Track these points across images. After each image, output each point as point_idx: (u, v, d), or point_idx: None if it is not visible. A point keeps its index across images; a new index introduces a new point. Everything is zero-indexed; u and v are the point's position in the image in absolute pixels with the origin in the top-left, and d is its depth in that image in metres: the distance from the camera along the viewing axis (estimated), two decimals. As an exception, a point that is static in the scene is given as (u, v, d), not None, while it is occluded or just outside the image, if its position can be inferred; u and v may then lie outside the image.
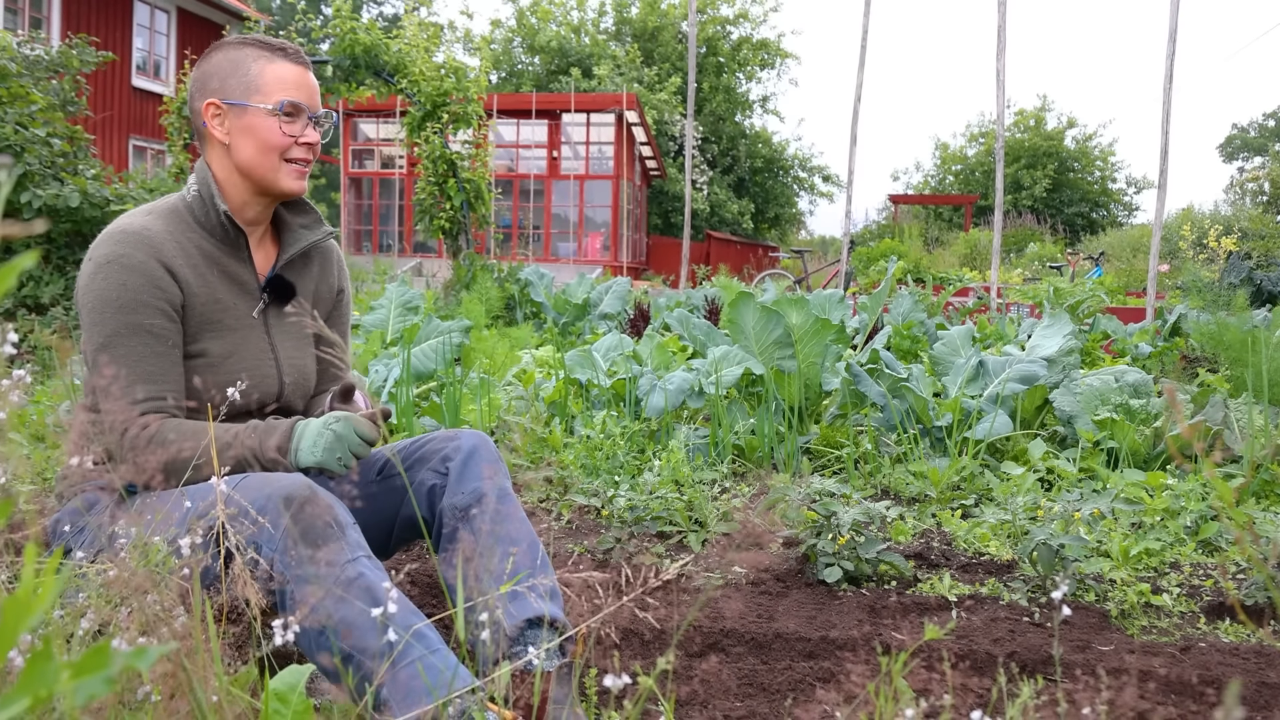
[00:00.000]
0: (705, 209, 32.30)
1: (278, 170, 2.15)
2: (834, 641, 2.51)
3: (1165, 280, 15.66)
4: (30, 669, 0.70)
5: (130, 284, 2.00)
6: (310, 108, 2.17)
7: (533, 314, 10.67)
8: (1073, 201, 37.47)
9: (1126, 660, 2.40)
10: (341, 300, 2.45)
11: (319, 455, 1.94)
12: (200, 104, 2.16)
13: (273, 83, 2.13)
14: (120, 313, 1.99)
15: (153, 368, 2.00)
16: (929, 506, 3.89)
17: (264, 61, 2.14)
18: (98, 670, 0.72)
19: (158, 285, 2.02)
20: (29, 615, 0.69)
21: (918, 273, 15.94)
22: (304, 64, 2.19)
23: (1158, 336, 8.31)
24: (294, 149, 2.15)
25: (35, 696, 0.70)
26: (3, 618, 0.69)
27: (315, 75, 2.89)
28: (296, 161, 2.17)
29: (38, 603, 0.69)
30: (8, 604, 0.69)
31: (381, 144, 26.61)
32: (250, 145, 2.13)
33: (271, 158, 2.14)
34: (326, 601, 1.69)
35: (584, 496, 3.80)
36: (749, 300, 4.71)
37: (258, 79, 2.13)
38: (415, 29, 12.02)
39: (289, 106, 2.13)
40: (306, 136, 2.16)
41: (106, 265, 2.01)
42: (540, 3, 34.83)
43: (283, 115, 2.13)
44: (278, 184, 2.16)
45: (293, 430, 1.98)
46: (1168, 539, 3.37)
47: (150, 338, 2.00)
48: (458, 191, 11.88)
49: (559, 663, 1.91)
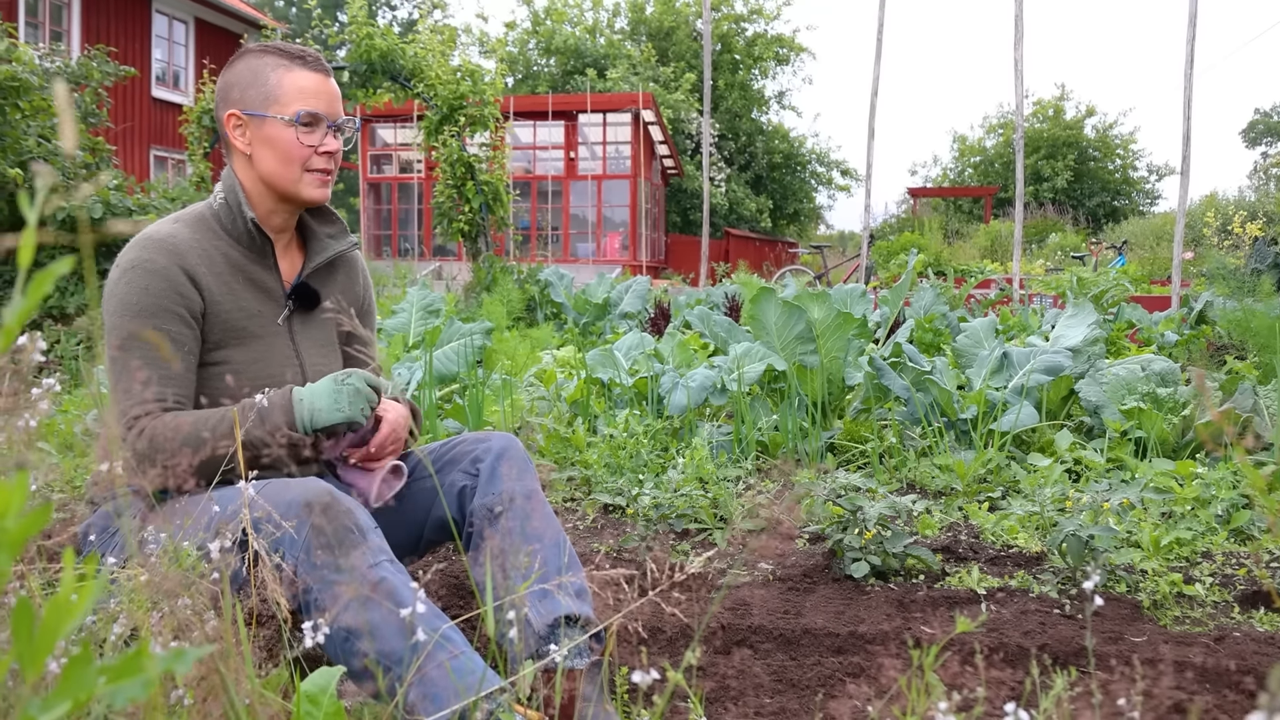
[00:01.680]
0: (723, 206, 32.25)
1: (299, 180, 2.15)
2: (863, 636, 2.50)
3: (1190, 268, 15.54)
4: (69, 673, 0.70)
5: (152, 289, 2.01)
6: (329, 116, 2.16)
7: (553, 314, 10.68)
8: (1094, 191, 37.23)
9: (1160, 651, 2.38)
10: (366, 311, 2.46)
11: (346, 411, 1.98)
12: (223, 114, 2.18)
13: (291, 92, 2.13)
14: (139, 317, 2.00)
15: (164, 372, 2.01)
16: (955, 500, 3.86)
17: (282, 70, 2.14)
18: (136, 674, 0.72)
19: (178, 291, 2.03)
20: (69, 620, 0.69)
21: (938, 266, 15.90)
22: (323, 70, 2.19)
23: (1184, 324, 8.25)
24: (314, 159, 2.15)
25: (75, 700, 0.70)
26: (43, 623, 0.69)
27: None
28: (318, 171, 2.16)
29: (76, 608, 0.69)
30: (49, 609, 0.69)
31: (399, 149, 26.66)
32: (271, 156, 2.14)
33: (292, 168, 2.14)
34: (351, 606, 1.70)
35: (608, 495, 3.80)
36: (770, 296, 4.69)
37: (276, 89, 2.14)
38: (430, 33, 12.05)
39: (306, 116, 2.13)
40: (326, 145, 2.16)
41: (130, 270, 2.03)
42: (555, 4, 34.85)
43: (301, 126, 2.13)
44: (300, 194, 2.16)
45: (292, 404, 1.99)
46: (1199, 528, 3.34)
47: (168, 343, 2.02)
48: (476, 194, 11.91)
49: (589, 660, 1.91)
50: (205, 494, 1.89)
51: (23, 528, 0.65)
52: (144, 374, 1.99)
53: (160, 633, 1.39)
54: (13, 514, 0.65)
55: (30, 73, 8.27)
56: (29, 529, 0.66)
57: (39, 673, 0.69)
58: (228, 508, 1.82)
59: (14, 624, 0.67)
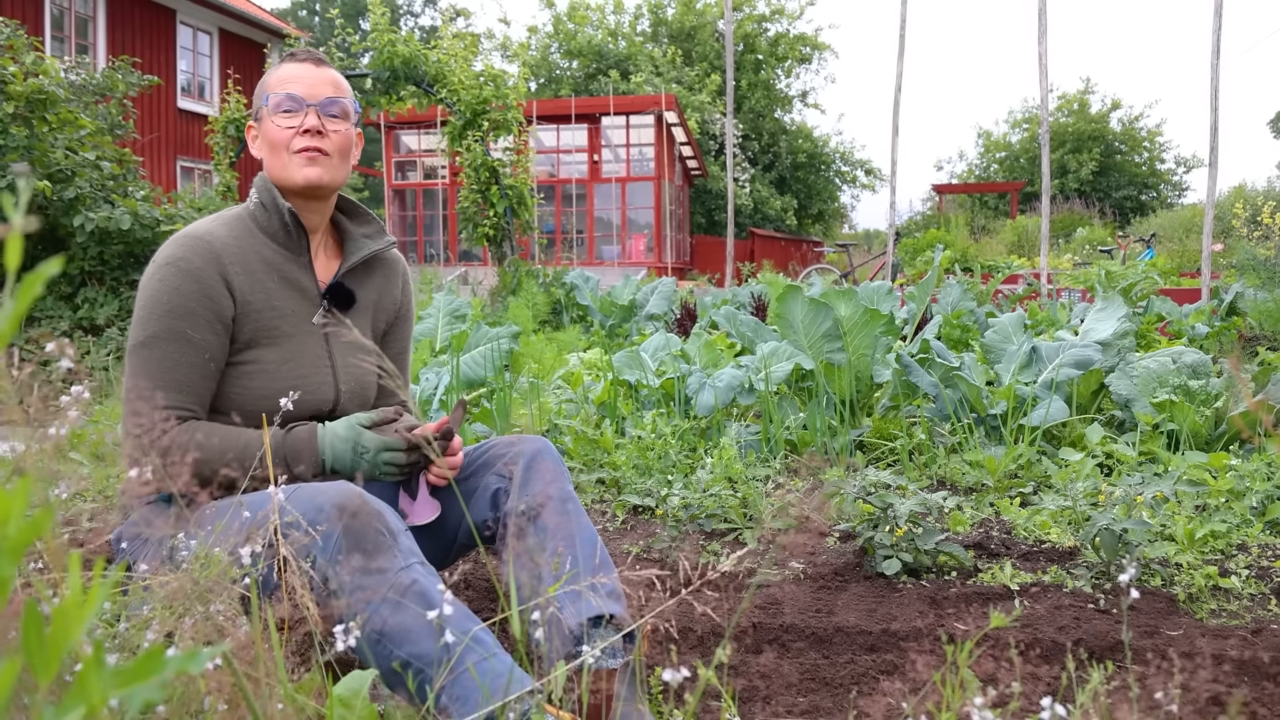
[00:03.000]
0: (748, 206, 32.21)
1: (288, 165, 2.15)
2: (896, 633, 2.49)
3: (1219, 260, 15.40)
4: (83, 676, 0.69)
5: (183, 289, 2.02)
6: (308, 97, 2.16)
7: (579, 317, 10.68)
8: (1120, 184, 36.98)
9: (1197, 644, 2.35)
10: (404, 317, 2.45)
11: (366, 473, 2.03)
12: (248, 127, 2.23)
13: (274, 84, 2.18)
14: (167, 316, 2.01)
15: (182, 377, 2.02)
16: (986, 496, 3.84)
17: (275, 69, 2.20)
18: (151, 675, 0.72)
19: (209, 296, 2.04)
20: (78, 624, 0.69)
21: (965, 262, 15.81)
22: (310, 60, 2.20)
23: (1214, 316, 8.18)
24: (295, 139, 2.14)
25: (89, 704, 0.69)
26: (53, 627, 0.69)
27: (355, 88, 2.90)
28: (301, 151, 2.15)
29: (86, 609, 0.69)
30: (57, 613, 0.69)
31: (423, 155, 26.77)
32: (266, 151, 2.19)
33: (280, 155, 2.16)
34: (382, 609, 1.70)
35: (637, 496, 3.79)
36: (797, 294, 4.68)
37: (266, 88, 2.19)
38: (453, 38, 12.08)
39: (281, 100, 2.15)
40: (306, 124, 2.14)
41: (166, 266, 2.05)
42: (577, 8, 34.91)
43: (280, 111, 2.15)
44: (292, 179, 2.16)
45: (318, 451, 2.03)
46: (1234, 520, 3.31)
47: (189, 347, 2.02)
48: (500, 198, 11.93)
49: (623, 660, 1.90)
50: (236, 498, 1.90)
51: (24, 534, 0.65)
52: (163, 378, 2.00)
53: (193, 638, 1.39)
54: (14, 521, 0.65)
55: (57, 85, 8.35)
56: (30, 535, 0.65)
57: (51, 677, 0.69)
58: (258, 513, 1.82)
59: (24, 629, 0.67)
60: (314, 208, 2.22)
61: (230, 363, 2.10)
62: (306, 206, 2.21)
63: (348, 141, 2.22)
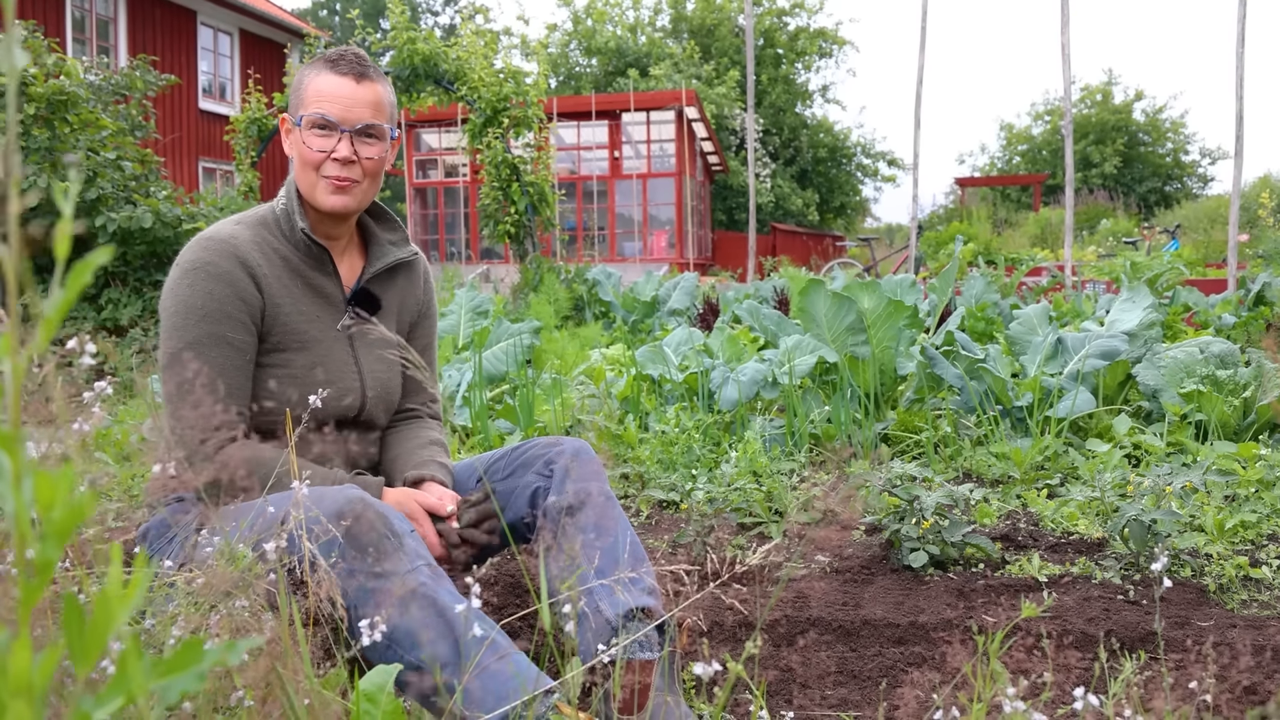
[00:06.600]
0: (769, 202, 32.14)
1: (315, 186, 2.12)
2: (924, 626, 2.47)
3: (1246, 250, 15.27)
4: (122, 667, 0.69)
5: (216, 293, 2.02)
6: (343, 121, 2.09)
7: (601, 313, 10.68)
8: (1144, 176, 36.72)
9: (1229, 634, 2.33)
10: (427, 315, 2.45)
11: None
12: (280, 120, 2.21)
13: (310, 96, 2.11)
14: (204, 322, 2.01)
15: (230, 381, 2.02)
16: (1013, 487, 3.81)
17: (313, 74, 2.13)
18: (189, 667, 0.72)
19: (241, 297, 2.04)
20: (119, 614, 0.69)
21: (988, 255, 15.74)
22: (351, 74, 2.11)
23: (1241, 306, 8.10)
24: (326, 165, 2.10)
25: (128, 694, 0.69)
26: (93, 618, 0.69)
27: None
28: (330, 178, 2.10)
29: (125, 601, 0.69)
30: (98, 604, 0.69)
31: (444, 153, 26.80)
32: (296, 160, 2.15)
33: (309, 173, 2.12)
34: (392, 612, 1.69)
35: (662, 491, 3.78)
36: (819, 287, 4.66)
37: (303, 94, 2.13)
38: (473, 36, 12.09)
39: (314, 120, 2.09)
40: (338, 152, 2.09)
41: (193, 271, 2.03)
42: (596, 4, 34.89)
43: (311, 130, 2.10)
44: (319, 202, 2.13)
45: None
46: (1264, 510, 3.28)
47: (231, 350, 2.02)
48: (521, 195, 11.94)
49: (659, 653, 1.90)
50: (260, 498, 1.90)
51: (68, 517, 0.65)
52: (216, 386, 1.98)
53: (219, 634, 1.39)
54: (59, 505, 0.65)
55: (78, 86, 8.39)
56: (75, 519, 0.65)
57: (91, 667, 0.68)
58: (281, 509, 1.82)
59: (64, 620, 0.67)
60: (338, 222, 2.21)
61: (258, 364, 2.10)
62: (333, 222, 2.21)
63: (381, 163, 2.18)
